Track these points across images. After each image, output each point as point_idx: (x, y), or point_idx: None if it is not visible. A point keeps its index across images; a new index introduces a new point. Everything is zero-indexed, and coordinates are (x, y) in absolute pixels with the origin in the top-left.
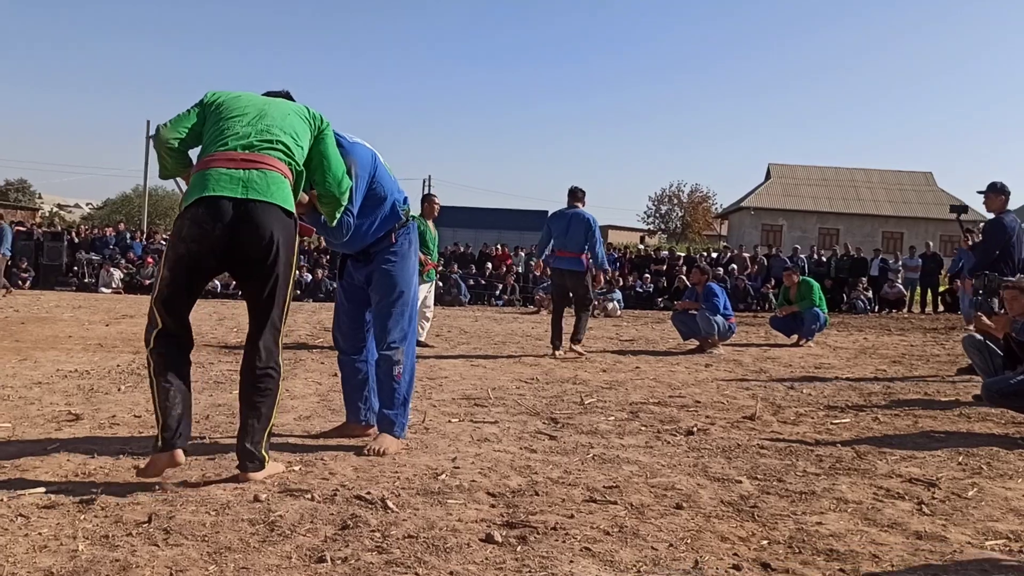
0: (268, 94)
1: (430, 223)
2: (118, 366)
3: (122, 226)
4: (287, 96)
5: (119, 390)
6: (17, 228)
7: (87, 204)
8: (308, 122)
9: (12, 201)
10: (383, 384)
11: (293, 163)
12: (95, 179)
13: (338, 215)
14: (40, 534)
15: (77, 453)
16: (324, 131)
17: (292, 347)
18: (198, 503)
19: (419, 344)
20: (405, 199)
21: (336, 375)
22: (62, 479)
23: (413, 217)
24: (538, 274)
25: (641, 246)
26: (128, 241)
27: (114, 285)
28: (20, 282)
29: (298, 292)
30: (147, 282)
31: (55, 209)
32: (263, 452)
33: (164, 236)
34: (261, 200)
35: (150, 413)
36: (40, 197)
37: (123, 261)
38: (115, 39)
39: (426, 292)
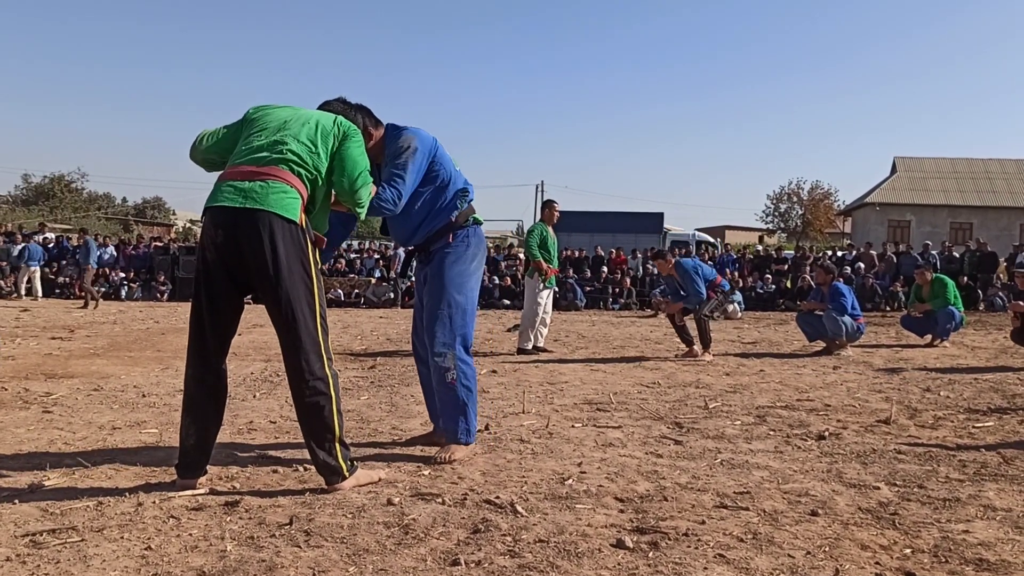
0: (323, 105)
1: (550, 229)
2: (252, 373)
3: None
4: (337, 104)
5: (254, 397)
6: (155, 243)
7: None
8: (332, 129)
9: (149, 218)
10: (440, 393)
11: (306, 171)
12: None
13: (361, 212)
14: (191, 535)
15: (219, 457)
16: (348, 135)
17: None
18: (335, 506)
19: (537, 349)
20: (469, 192)
21: None
22: (207, 481)
23: (477, 220)
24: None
25: (760, 246)
26: None
27: None
28: (158, 294)
29: (391, 296)
30: None
31: (188, 224)
32: (340, 462)
33: None
34: (257, 208)
35: (284, 419)
36: (174, 213)
37: None
38: (237, 60)
39: (546, 298)
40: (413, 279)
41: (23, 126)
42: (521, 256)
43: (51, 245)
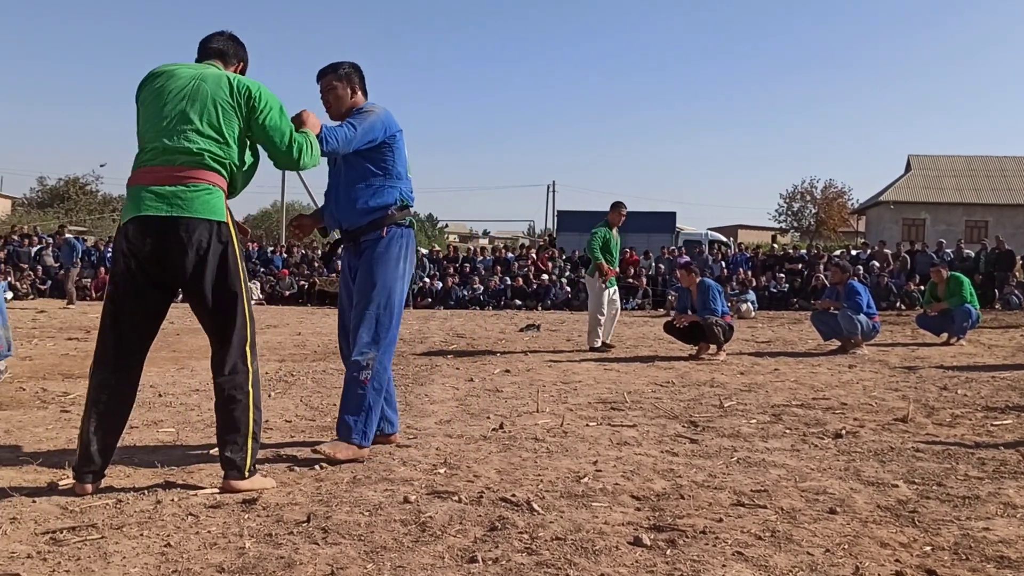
0: (204, 50)
1: (614, 231)
2: (266, 373)
3: (263, 241)
4: (223, 53)
5: (269, 396)
6: None
7: None
8: (235, 104)
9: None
10: (349, 389)
11: (221, 164)
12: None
13: (307, 162)
14: (209, 532)
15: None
16: (258, 105)
17: (428, 354)
18: (352, 504)
19: (606, 346)
20: (410, 191)
21: (472, 380)
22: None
23: (413, 222)
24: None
25: (774, 245)
26: (268, 255)
27: (256, 297)
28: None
29: (429, 300)
30: (287, 293)
31: None
32: (246, 460)
33: (303, 249)
34: (184, 216)
35: (300, 418)
36: None
37: (263, 274)
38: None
39: (613, 295)
40: (338, 271)
41: (38, 128)
42: (534, 255)
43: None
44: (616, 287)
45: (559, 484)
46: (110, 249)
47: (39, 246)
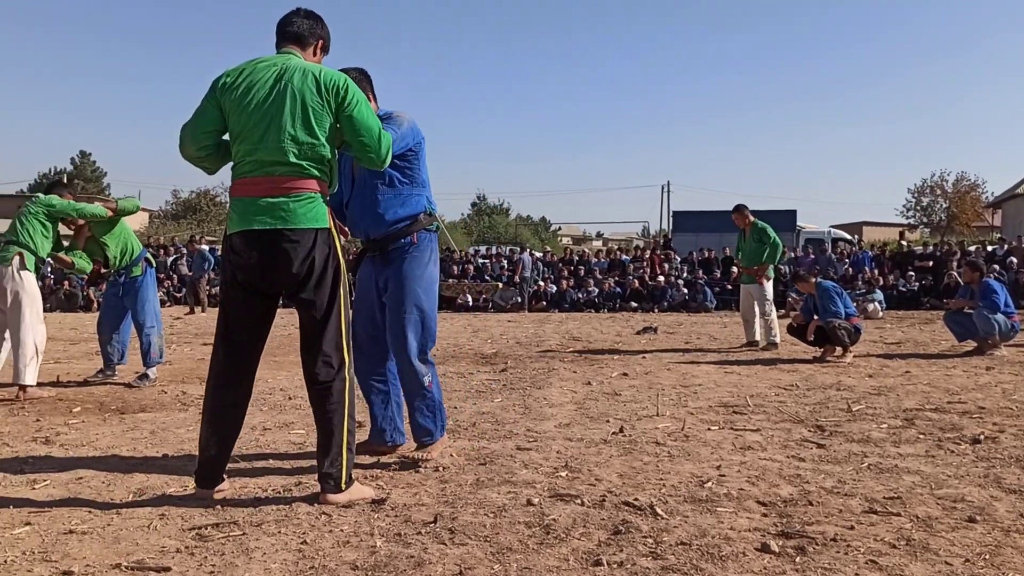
0: (281, 35)
1: (746, 231)
2: None
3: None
4: (299, 37)
5: None
6: None
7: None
8: (324, 102)
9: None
10: (414, 397)
11: (319, 167)
12: None
13: (388, 161)
14: (342, 530)
15: (363, 456)
16: (347, 99)
17: (544, 357)
18: (476, 506)
19: (772, 344)
20: (433, 203)
21: (590, 383)
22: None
23: (438, 226)
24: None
25: (902, 242)
26: None
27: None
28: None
29: (543, 303)
30: None
31: None
32: (341, 473)
33: None
34: (290, 227)
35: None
36: None
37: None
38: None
39: (754, 293)
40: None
41: (174, 143)
42: (647, 257)
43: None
44: (757, 285)
45: (682, 489)
46: None
47: (174, 256)
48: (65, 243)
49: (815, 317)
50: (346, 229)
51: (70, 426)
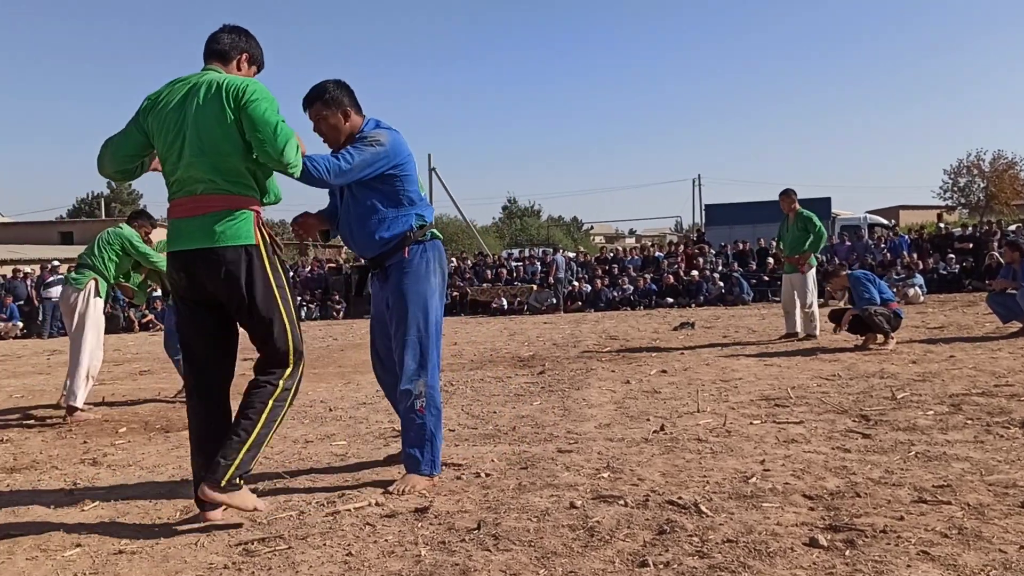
0: (206, 54)
1: (790, 218)
2: None
3: None
4: (222, 54)
5: None
6: (328, 265)
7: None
8: (229, 110)
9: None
10: (407, 420)
11: (239, 181)
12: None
13: (294, 171)
14: (386, 540)
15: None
16: (245, 98)
17: (582, 357)
18: (519, 510)
19: (810, 336)
20: (428, 216)
21: (629, 382)
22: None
23: (435, 235)
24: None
25: (940, 225)
26: None
27: None
28: (334, 313)
29: (579, 303)
30: None
31: None
32: (228, 470)
33: (451, 261)
34: (210, 246)
35: (462, 426)
36: None
37: None
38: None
39: (795, 282)
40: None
41: None
42: (681, 252)
43: None
44: (799, 275)
45: (726, 485)
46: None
47: None
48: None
49: (851, 307)
50: (280, 244)
51: (116, 446)
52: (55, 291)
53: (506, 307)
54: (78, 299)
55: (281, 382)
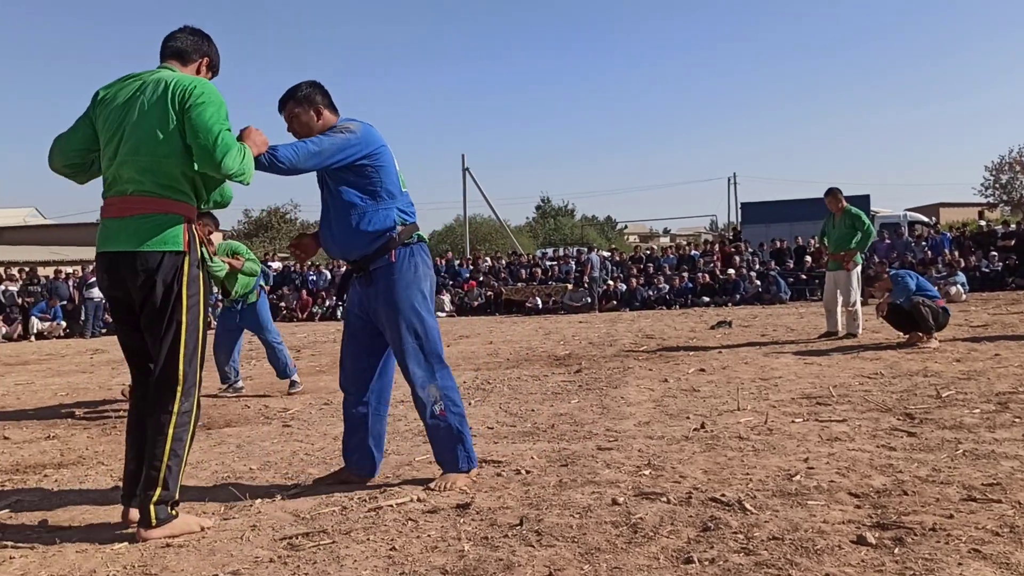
0: (162, 52)
1: (835, 217)
2: (464, 383)
3: (449, 254)
4: (180, 53)
5: (470, 404)
6: None
7: None
8: (172, 111)
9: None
10: (431, 428)
11: (174, 185)
12: (422, 214)
13: (242, 179)
14: (429, 536)
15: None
16: (190, 101)
17: (619, 356)
18: (561, 507)
19: (851, 335)
20: (410, 213)
21: (667, 381)
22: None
23: (421, 238)
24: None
25: (982, 222)
26: (456, 268)
27: (447, 309)
28: None
29: (614, 302)
30: (475, 304)
31: None
32: (155, 509)
33: (485, 261)
34: (132, 250)
35: (501, 424)
36: None
37: (452, 286)
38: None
39: (837, 281)
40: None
41: None
42: (716, 250)
43: (275, 273)
44: (843, 272)
45: (770, 483)
46: (311, 273)
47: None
48: None
49: (898, 301)
50: (211, 251)
51: None
52: (97, 291)
53: (540, 306)
54: None
55: (175, 409)
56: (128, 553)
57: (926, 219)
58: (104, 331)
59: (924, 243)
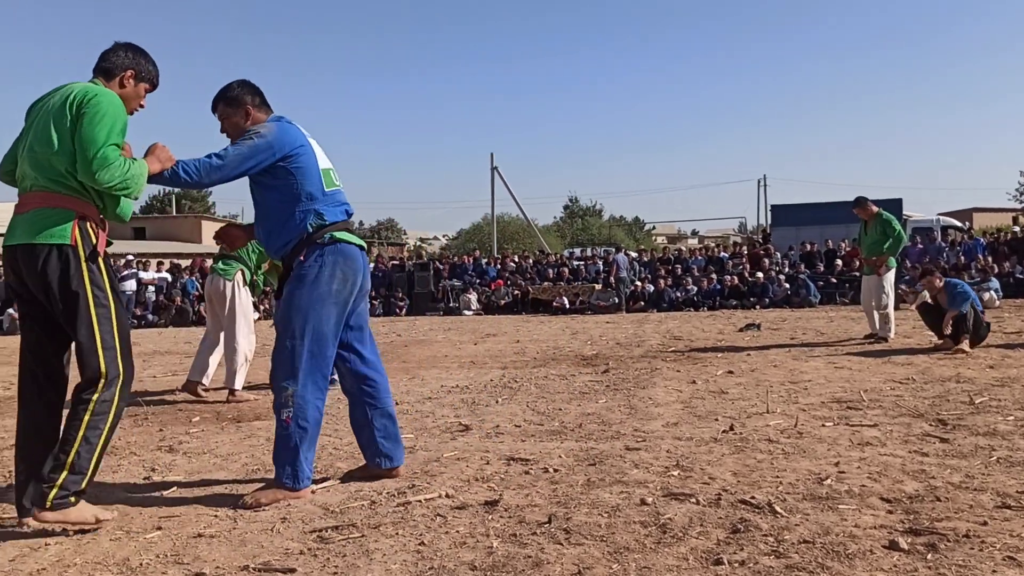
0: (94, 69)
1: (868, 223)
2: (491, 381)
3: (477, 253)
4: (107, 71)
5: (497, 402)
6: (392, 262)
7: (443, 236)
8: (68, 116)
9: (383, 238)
10: (276, 433)
11: (68, 183)
12: (450, 212)
13: (126, 192)
14: (458, 531)
15: (473, 460)
16: (81, 111)
17: (646, 357)
18: (589, 506)
19: (882, 339)
20: (330, 207)
21: (695, 382)
22: (464, 483)
23: (339, 239)
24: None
25: (1016, 228)
26: (484, 266)
27: (474, 307)
28: (397, 309)
29: (641, 303)
30: (502, 302)
31: (418, 243)
32: (55, 493)
33: (513, 260)
34: (27, 243)
35: (528, 423)
36: (405, 233)
37: (479, 285)
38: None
39: (873, 285)
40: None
41: None
42: (745, 252)
43: None
44: (876, 276)
45: (800, 486)
46: None
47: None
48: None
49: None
50: (101, 251)
51: (191, 435)
52: (129, 284)
53: (567, 306)
54: (227, 289)
55: (94, 398)
56: (160, 542)
57: (959, 224)
58: (135, 323)
59: (957, 248)
